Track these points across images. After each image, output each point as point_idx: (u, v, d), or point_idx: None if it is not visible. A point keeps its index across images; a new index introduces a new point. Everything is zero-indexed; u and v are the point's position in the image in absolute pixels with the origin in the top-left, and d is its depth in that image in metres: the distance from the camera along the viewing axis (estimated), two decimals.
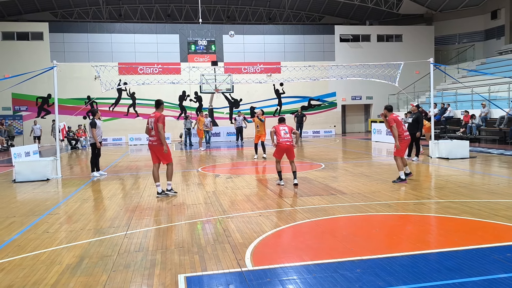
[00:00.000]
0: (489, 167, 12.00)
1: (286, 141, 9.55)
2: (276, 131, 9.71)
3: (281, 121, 10.12)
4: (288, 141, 9.57)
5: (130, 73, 27.55)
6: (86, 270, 4.55)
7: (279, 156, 9.72)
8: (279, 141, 9.58)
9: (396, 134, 9.71)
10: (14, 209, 7.83)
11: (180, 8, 32.83)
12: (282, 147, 9.58)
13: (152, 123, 8.66)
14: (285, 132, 9.64)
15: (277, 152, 9.70)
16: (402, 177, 9.55)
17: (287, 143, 9.54)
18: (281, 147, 9.59)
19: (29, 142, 24.42)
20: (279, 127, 9.76)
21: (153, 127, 8.63)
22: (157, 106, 8.96)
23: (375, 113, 32.32)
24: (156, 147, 8.62)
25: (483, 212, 6.50)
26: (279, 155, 9.71)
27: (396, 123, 9.76)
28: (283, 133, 9.63)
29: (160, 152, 8.61)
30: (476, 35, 32.28)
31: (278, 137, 9.62)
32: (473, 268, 4.25)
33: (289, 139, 9.61)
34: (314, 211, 6.90)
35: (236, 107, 30.33)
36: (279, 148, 9.62)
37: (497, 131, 19.12)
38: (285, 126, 9.80)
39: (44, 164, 11.54)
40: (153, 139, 8.64)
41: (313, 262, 4.56)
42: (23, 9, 29.77)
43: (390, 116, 9.92)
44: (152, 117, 8.74)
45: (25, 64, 25.93)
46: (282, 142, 9.54)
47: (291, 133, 9.78)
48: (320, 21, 34.95)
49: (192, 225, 6.34)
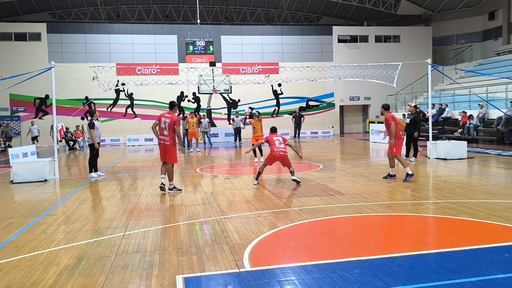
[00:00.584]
0: (487, 167, 12.03)
1: (280, 151, 9.62)
2: (270, 141, 9.77)
3: (273, 131, 10.23)
4: (282, 151, 9.62)
5: (128, 74, 27.53)
6: (84, 271, 4.54)
7: (270, 162, 9.88)
8: (273, 150, 9.66)
9: (393, 132, 9.79)
10: (11, 210, 7.81)
11: (178, 8, 32.82)
12: (275, 156, 9.68)
13: (167, 123, 8.89)
14: (279, 142, 9.74)
15: (269, 159, 9.83)
16: (409, 172, 9.58)
17: (281, 153, 9.61)
18: (275, 156, 9.70)
19: (26, 143, 24.37)
20: (273, 137, 9.86)
21: (167, 127, 8.88)
22: (172, 107, 9.23)
23: (373, 113, 32.38)
24: (168, 147, 8.92)
25: (481, 212, 6.51)
26: (270, 162, 9.86)
27: (394, 121, 9.88)
28: (278, 143, 9.72)
29: (170, 152, 8.92)
30: (473, 36, 32.37)
31: (272, 147, 9.69)
32: (471, 268, 4.26)
33: (283, 149, 9.67)
34: (312, 211, 6.90)
35: (234, 108, 30.32)
36: (272, 157, 9.73)
37: (494, 131, 19.17)
38: (279, 137, 9.90)
39: (42, 165, 11.51)
40: (166, 138, 8.91)
41: (311, 262, 4.56)
42: (20, 9, 29.71)
43: (387, 114, 10.02)
44: (167, 117, 8.96)
45: (23, 65, 25.91)
46: (276, 151, 9.60)
47: (285, 144, 9.83)
48: (318, 22, 35.01)
49: (190, 226, 6.33)
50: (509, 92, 20.00)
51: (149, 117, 29.37)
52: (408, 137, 13.57)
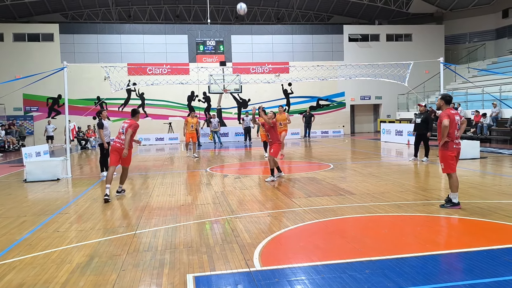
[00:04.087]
0: (500, 167, 11.87)
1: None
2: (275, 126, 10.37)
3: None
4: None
5: (139, 74, 27.72)
6: (96, 269, 4.58)
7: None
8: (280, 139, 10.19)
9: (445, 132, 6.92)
10: (25, 209, 7.92)
11: (188, 8, 32.94)
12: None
13: (125, 128, 8.66)
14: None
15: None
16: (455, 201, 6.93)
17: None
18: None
19: (40, 142, 24.68)
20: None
21: (124, 132, 8.64)
22: (133, 114, 9.00)
23: (384, 113, 32.16)
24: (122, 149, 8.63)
25: (494, 213, 6.43)
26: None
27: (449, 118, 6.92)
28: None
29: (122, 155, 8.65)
30: (487, 34, 31.94)
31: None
32: (483, 269, 4.21)
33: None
34: (323, 211, 6.88)
35: (245, 107, 30.36)
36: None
37: (508, 131, 18.90)
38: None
39: (54, 164, 11.65)
40: (123, 142, 8.64)
41: (321, 262, 4.54)
42: (34, 11, 30.10)
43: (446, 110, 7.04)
44: (126, 122, 8.74)
45: (35, 65, 26.24)
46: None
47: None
48: (328, 21, 34.84)
49: (201, 225, 6.36)
50: None
51: (160, 116, 29.55)
52: (419, 137, 13.46)
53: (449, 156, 6.82)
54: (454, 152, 6.84)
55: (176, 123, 29.58)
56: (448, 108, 6.95)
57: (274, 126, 10.27)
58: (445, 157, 6.86)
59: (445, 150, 6.86)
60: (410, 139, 18.74)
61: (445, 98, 7.05)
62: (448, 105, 7.00)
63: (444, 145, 6.84)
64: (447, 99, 7.03)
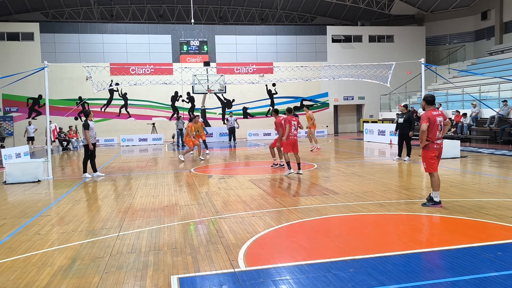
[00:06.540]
0: (480, 166, 12.11)
1: (294, 136, 10.56)
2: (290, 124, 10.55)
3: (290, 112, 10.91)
4: (295, 136, 10.60)
5: (122, 74, 27.44)
6: (78, 272, 4.51)
7: (288, 150, 10.56)
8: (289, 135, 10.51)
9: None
10: (5, 211, 7.75)
11: (172, 8, 32.74)
12: (290, 141, 10.48)
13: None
14: (294, 128, 10.61)
15: (287, 146, 10.53)
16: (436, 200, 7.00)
17: (295, 137, 10.57)
18: (290, 141, 10.49)
19: (20, 143, 24.19)
20: (292, 120, 10.59)
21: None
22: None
23: (367, 113, 32.50)
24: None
25: (474, 211, 6.56)
26: (288, 149, 10.55)
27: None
28: (293, 128, 10.57)
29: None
30: (466, 35, 32.59)
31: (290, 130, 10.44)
32: (464, 267, 4.28)
33: (295, 134, 10.64)
34: (307, 211, 6.92)
35: (229, 108, 30.32)
36: (289, 142, 10.50)
37: (487, 130, 19.30)
38: (295, 120, 10.71)
39: (35, 166, 11.43)
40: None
41: (306, 262, 4.56)
42: (13, 9, 29.50)
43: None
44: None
45: (15, 65, 25.74)
46: (291, 136, 10.50)
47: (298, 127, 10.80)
48: (312, 22, 35.07)
49: (185, 226, 6.32)
50: (501, 92, 20.15)
51: (143, 117, 29.30)
52: (401, 137, 13.64)
53: (430, 156, 6.93)
54: (435, 152, 6.94)
55: (160, 124, 29.37)
56: (430, 110, 6.94)
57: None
58: (426, 157, 6.98)
59: (426, 150, 6.95)
60: (392, 139, 18.99)
61: (427, 99, 7.05)
62: (430, 106, 6.99)
63: (425, 145, 6.95)
64: (429, 99, 7.03)
